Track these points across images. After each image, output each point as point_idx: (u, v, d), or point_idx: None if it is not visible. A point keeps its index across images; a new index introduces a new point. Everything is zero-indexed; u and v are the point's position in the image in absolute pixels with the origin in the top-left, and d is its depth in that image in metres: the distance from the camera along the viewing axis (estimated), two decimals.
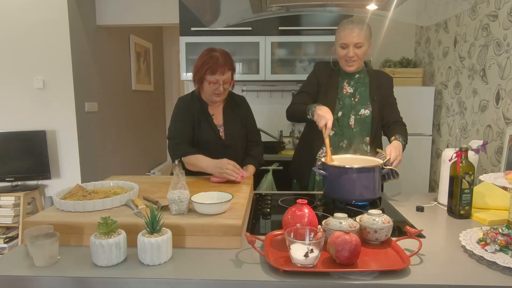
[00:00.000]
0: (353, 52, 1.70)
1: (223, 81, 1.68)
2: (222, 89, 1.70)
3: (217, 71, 1.65)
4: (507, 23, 2.16)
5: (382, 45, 3.32)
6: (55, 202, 1.24)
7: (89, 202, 1.20)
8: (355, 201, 1.48)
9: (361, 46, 1.70)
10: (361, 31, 1.68)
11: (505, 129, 2.15)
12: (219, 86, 1.69)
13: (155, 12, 3.45)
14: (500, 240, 1.01)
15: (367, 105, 1.79)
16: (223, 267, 0.98)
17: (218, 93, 1.71)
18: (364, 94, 1.80)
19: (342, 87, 1.81)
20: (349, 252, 0.93)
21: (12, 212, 2.92)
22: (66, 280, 0.94)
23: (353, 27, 1.69)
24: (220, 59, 1.66)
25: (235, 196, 1.30)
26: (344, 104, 1.79)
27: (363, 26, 1.70)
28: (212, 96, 1.73)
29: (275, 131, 3.35)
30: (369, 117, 1.79)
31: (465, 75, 2.64)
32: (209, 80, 1.68)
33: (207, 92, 1.73)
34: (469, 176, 1.32)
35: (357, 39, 1.68)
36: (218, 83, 1.68)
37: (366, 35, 1.70)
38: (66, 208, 1.20)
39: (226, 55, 1.71)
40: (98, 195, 1.31)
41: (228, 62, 1.69)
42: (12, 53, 3.10)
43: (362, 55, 1.73)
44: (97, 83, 3.57)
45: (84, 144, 3.31)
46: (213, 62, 1.65)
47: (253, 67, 3.11)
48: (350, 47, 1.70)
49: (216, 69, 1.65)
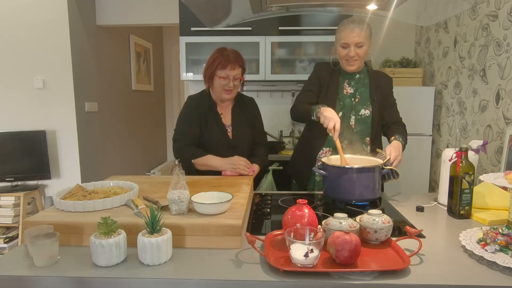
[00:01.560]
0: (354, 52, 1.70)
1: (233, 77, 1.73)
2: (232, 85, 1.74)
3: (228, 66, 1.72)
4: (507, 23, 2.16)
5: (382, 45, 3.32)
6: (55, 202, 1.24)
7: (89, 202, 1.20)
8: (355, 201, 1.48)
9: (362, 45, 1.70)
10: (361, 31, 1.69)
11: (505, 129, 2.15)
12: (229, 81, 1.73)
13: (155, 12, 3.46)
14: (500, 240, 1.01)
15: (367, 106, 1.79)
16: (223, 267, 0.98)
17: (228, 89, 1.75)
18: (364, 95, 1.80)
19: (342, 87, 1.82)
20: (349, 252, 0.93)
21: (12, 212, 2.92)
22: (66, 280, 0.94)
23: (354, 26, 1.69)
24: (231, 56, 1.74)
25: (235, 196, 1.30)
26: (344, 104, 1.80)
27: (363, 26, 1.70)
28: (222, 93, 1.76)
29: (275, 131, 3.35)
30: (369, 118, 1.79)
31: (465, 75, 2.64)
32: (219, 75, 1.73)
33: (217, 89, 1.77)
34: (469, 176, 1.32)
35: (358, 39, 1.68)
36: (228, 78, 1.73)
37: (367, 35, 1.71)
38: (66, 208, 1.20)
39: (237, 53, 1.78)
40: (98, 195, 1.31)
41: (238, 59, 1.75)
42: (12, 53, 3.10)
43: (363, 55, 1.73)
44: (97, 83, 3.57)
45: (84, 144, 3.31)
46: (224, 58, 1.73)
47: (253, 67, 3.11)
48: (351, 46, 1.70)
49: (226, 64, 1.72)
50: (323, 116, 1.59)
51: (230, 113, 1.84)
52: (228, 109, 1.85)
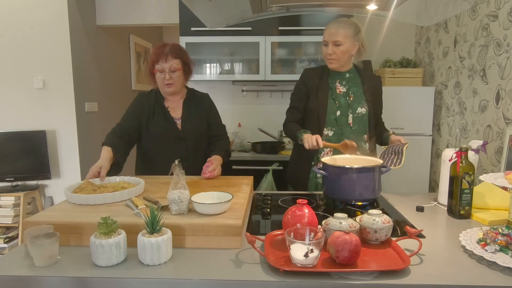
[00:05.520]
0: (331, 50, 1.76)
1: (169, 69, 1.75)
2: (168, 77, 1.76)
3: (160, 59, 1.74)
4: (507, 23, 2.16)
5: (382, 45, 3.32)
6: (66, 196, 1.29)
7: (100, 196, 1.27)
8: (355, 201, 1.48)
9: (339, 44, 1.74)
10: (340, 29, 1.74)
11: (505, 129, 2.15)
12: (165, 74, 1.75)
13: (155, 12, 3.46)
14: (500, 240, 1.01)
15: (363, 104, 1.83)
16: (223, 267, 0.98)
17: (167, 83, 1.77)
18: (357, 94, 1.84)
19: (334, 87, 1.84)
20: (349, 252, 0.93)
21: (12, 212, 2.92)
22: (66, 280, 0.94)
23: (335, 25, 1.75)
24: (166, 48, 1.75)
25: (235, 196, 1.31)
26: (340, 103, 1.82)
27: (345, 25, 1.75)
28: (164, 88, 1.80)
29: (275, 131, 3.35)
30: (365, 115, 1.83)
31: (465, 75, 2.64)
32: (156, 69, 1.76)
33: (159, 84, 1.81)
34: (469, 176, 1.32)
35: (335, 37, 1.73)
36: (164, 71, 1.75)
37: (348, 34, 1.74)
38: (78, 201, 1.27)
39: (175, 46, 1.80)
40: (108, 190, 1.36)
41: (173, 51, 1.76)
42: (12, 53, 3.10)
43: (341, 54, 1.77)
44: (97, 83, 3.57)
45: (84, 144, 3.31)
46: (159, 51, 1.75)
47: (253, 67, 3.11)
48: (329, 44, 1.76)
49: (159, 57, 1.74)
50: (305, 142, 1.67)
51: (181, 107, 1.88)
52: (178, 103, 1.88)
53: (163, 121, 1.82)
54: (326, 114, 1.81)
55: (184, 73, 1.83)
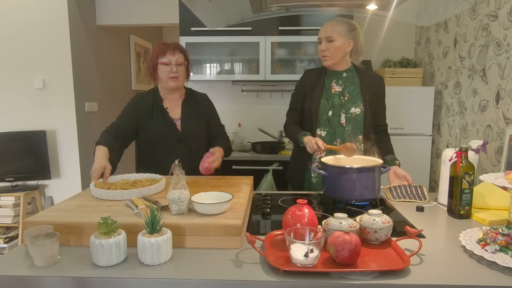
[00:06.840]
0: (324, 46, 1.77)
1: (175, 61, 1.77)
2: (175, 70, 1.77)
3: (167, 52, 1.77)
4: (507, 23, 2.16)
5: (382, 45, 3.32)
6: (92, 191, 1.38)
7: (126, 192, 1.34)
8: (355, 201, 1.48)
9: (332, 40, 1.75)
10: (333, 26, 1.75)
11: (505, 129, 2.15)
12: (172, 66, 1.76)
13: (155, 12, 3.46)
14: (500, 240, 1.01)
15: (357, 104, 1.81)
16: (223, 267, 0.98)
17: (173, 75, 1.77)
18: (353, 93, 1.82)
19: (330, 87, 1.84)
20: (349, 252, 0.93)
21: (12, 212, 2.93)
22: (66, 280, 0.94)
23: (328, 23, 1.77)
24: (171, 44, 1.80)
25: (235, 196, 1.31)
26: (333, 103, 1.81)
27: (338, 22, 1.76)
28: (169, 82, 1.79)
29: (275, 131, 3.35)
30: (360, 116, 1.80)
31: (465, 75, 2.64)
32: (161, 62, 1.77)
33: (163, 78, 1.80)
34: (469, 176, 1.32)
35: (328, 33, 1.75)
36: (170, 63, 1.76)
37: (340, 31, 1.74)
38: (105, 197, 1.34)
39: (176, 42, 1.85)
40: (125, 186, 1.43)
41: (178, 46, 1.81)
42: (12, 53, 3.10)
43: (335, 50, 1.76)
44: (97, 83, 3.57)
45: (84, 144, 3.31)
46: (164, 46, 1.79)
47: (253, 67, 3.11)
48: (322, 41, 1.77)
49: (165, 50, 1.77)
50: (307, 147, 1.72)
51: (179, 107, 1.87)
52: (177, 104, 1.87)
53: (163, 123, 1.81)
54: (318, 114, 1.81)
55: (186, 70, 1.85)
